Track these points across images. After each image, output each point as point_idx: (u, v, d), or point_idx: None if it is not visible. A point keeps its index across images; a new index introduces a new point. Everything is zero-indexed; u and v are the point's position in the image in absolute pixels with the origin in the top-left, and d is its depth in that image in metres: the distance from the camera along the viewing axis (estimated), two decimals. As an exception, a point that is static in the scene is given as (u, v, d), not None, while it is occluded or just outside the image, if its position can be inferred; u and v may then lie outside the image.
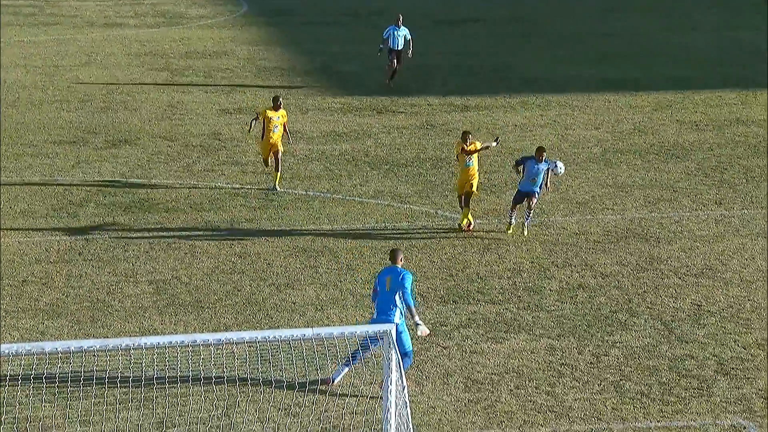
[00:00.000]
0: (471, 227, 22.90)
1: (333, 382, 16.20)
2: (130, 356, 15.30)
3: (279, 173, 25.30)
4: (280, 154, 25.22)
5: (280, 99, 25.49)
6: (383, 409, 13.38)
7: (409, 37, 34.26)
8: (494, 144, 23.88)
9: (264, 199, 25.06)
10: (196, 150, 28.78)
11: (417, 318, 15.87)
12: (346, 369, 16.20)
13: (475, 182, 22.99)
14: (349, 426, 14.94)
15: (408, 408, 12.59)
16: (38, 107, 32.66)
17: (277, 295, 19.91)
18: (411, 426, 12.58)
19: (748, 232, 23.07)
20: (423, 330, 15.91)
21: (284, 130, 25.28)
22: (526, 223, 22.57)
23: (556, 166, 22.49)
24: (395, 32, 34.27)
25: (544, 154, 22.36)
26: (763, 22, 45.12)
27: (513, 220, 22.60)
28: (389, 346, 13.28)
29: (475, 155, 22.93)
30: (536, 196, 22.44)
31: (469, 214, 23.00)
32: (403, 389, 12.81)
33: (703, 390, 16.57)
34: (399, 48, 34.23)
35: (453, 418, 15.78)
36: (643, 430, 15.49)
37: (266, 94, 34.59)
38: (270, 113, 25.15)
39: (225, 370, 16.32)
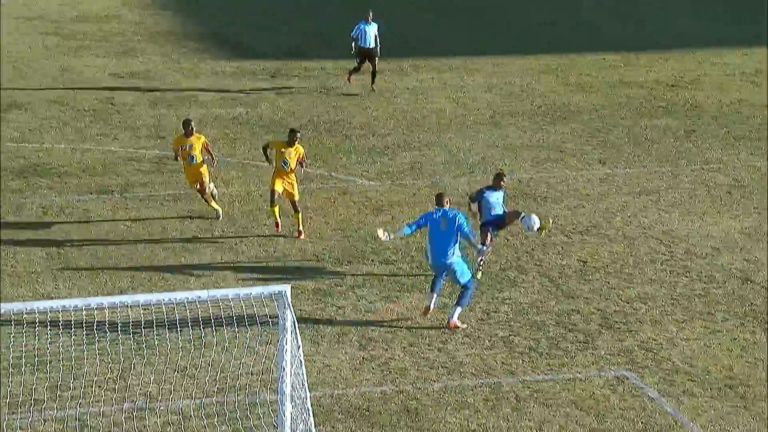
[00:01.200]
0: (279, 229, 20.76)
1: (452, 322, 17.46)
2: (23, 321, 15.27)
3: (215, 201, 21.71)
4: (207, 187, 21.30)
5: (192, 123, 21.20)
6: (279, 368, 13.61)
7: (377, 33, 30.27)
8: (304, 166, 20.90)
9: (158, 163, 25.04)
10: (89, 114, 28.57)
11: (479, 245, 17.93)
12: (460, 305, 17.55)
13: (296, 189, 20.74)
14: (246, 385, 15.14)
15: (303, 367, 12.80)
16: (-76, 72, 32.07)
17: (173, 258, 20.00)
18: (306, 384, 12.81)
19: (630, 191, 23.78)
20: (485, 250, 17.96)
21: (209, 153, 21.16)
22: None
23: (530, 219, 18.93)
24: (366, 28, 30.19)
25: (505, 180, 19.33)
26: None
27: (485, 256, 18.95)
28: (284, 307, 13.51)
29: (294, 159, 20.51)
30: (504, 218, 19.13)
31: (279, 213, 20.67)
32: (298, 348, 13.01)
33: (588, 343, 17.10)
34: (371, 46, 30.14)
35: (348, 376, 16.08)
36: (532, 383, 15.92)
37: (159, 58, 34.39)
38: (182, 140, 21.19)
39: (120, 333, 16.39)
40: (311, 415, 12.49)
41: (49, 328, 16.17)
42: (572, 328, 17.59)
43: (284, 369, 13.20)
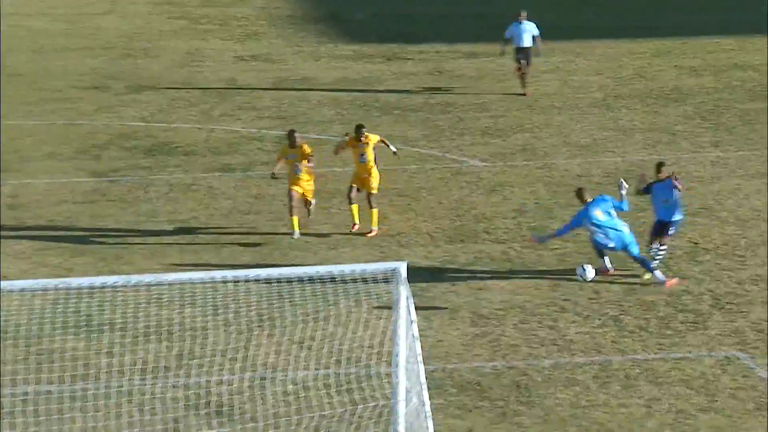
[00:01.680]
0: (356, 228, 20.22)
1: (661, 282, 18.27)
2: (153, 292, 15.98)
3: (296, 218, 20.26)
4: (311, 204, 20.39)
5: (296, 133, 20.22)
6: (393, 342, 14.03)
7: (536, 32, 29.19)
8: (392, 149, 20.83)
9: (279, 143, 25.72)
10: (214, 95, 29.49)
11: (624, 195, 18.58)
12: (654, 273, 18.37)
13: (374, 182, 20.15)
14: (361, 358, 15.57)
15: (418, 341, 13.14)
16: (62, 54, 33.40)
17: (292, 234, 20.63)
18: (420, 359, 13.14)
19: (743, 173, 23.64)
20: (624, 186, 18.68)
21: (308, 163, 20.04)
22: (652, 264, 18.28)
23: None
24: (518, 28, 29.19)
25: (663, 170, 18.57)
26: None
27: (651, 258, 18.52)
28: (399, 283, 13.92)
29: (370, 151, 20.11)
30: (673, 229, 18.54)
31: (358, 214, 20.20)
32: (412, 323, 13.36)
33: (698, 323, 17.08)
34: (525, 45, 29.10)
35: (460, 351, 16.35)
36: (642, 362, 15.96)
37: (279, 41, 35.19)
38: (286, 150, 20.29)
39: (242, 305, 17.03)
40: (425, 388, 12.87)
41: (176, 299, 16.90)
42: (683, 308, 17.63)
43: (398, 343, 13.57)
